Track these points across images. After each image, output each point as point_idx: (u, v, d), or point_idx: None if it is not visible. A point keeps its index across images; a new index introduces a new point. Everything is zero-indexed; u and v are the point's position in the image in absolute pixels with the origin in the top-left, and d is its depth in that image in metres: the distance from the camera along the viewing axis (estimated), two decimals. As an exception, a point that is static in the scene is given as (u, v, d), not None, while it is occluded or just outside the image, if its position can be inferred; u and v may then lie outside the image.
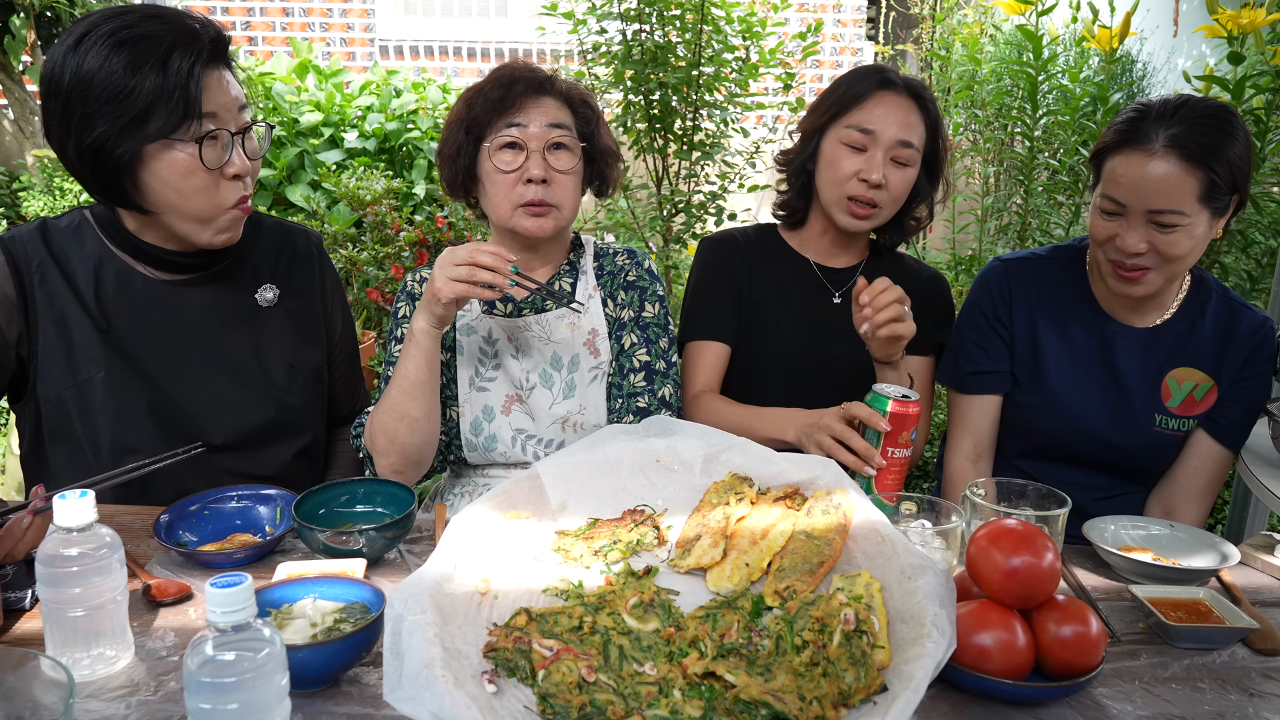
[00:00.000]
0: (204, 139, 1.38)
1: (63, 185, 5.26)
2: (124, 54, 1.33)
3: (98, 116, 1.33)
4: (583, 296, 1.70)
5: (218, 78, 1.40)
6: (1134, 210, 1.52)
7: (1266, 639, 1.15)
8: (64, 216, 1.52)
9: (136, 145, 1.35)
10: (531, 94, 1.58)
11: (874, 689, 0.92)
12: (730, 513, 1.21)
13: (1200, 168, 1.48)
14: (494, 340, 1.67)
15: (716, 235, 1.95)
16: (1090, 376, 1.69)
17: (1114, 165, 1.55)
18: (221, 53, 1.42)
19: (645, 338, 1.69)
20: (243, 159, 1.44)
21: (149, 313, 1.51)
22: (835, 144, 1.73)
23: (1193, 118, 1.50)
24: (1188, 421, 1.67)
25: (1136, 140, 1.52)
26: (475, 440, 1.65)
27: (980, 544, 1.07)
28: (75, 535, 1.01)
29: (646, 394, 1.66)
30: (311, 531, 1.28)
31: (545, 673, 0.96)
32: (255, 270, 1.62)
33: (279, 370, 1.60)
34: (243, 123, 1.44)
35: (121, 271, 1.50)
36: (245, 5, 6.36)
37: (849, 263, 1.89)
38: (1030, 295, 1.74)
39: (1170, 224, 1.50)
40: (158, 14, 1.38)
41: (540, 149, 1.57)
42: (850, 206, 1.73)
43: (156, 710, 0.97)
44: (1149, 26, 3.75)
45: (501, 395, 1.66)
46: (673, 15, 3.11)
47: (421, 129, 4.60)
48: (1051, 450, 1.74)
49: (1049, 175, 3.12)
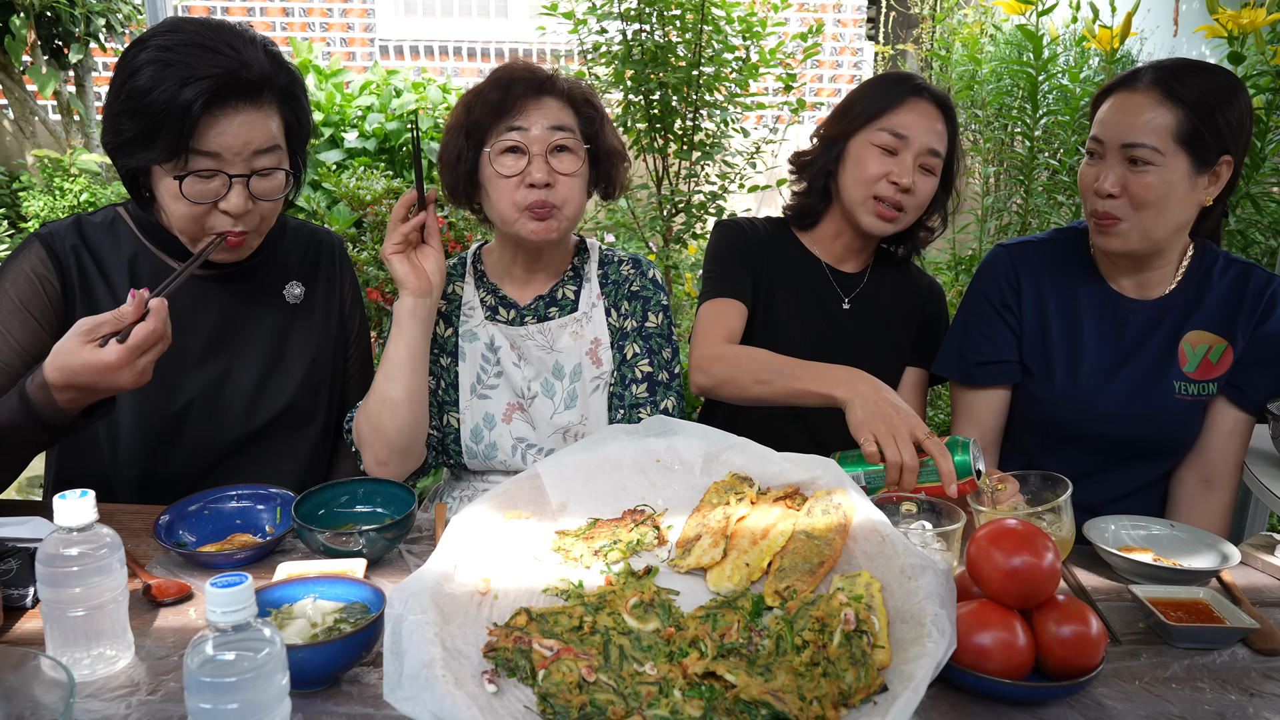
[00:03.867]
0: (186, 176, 1.37)
1: (62, 185, 5.26)
2: (152, 73, 1.34)
3: (122, 119, 1.37)
4: (586, 306, 1.69)
5: (233, 118, 1.37)
6: (1111, 147, 1.55)
7: (1266, 639, 1.15)
8: (98, 213, 1.55)
9: (139, 163, 1.39)
10: (532, 95, 1.55)
11: (874, 689, 0.92)
12: (730, 512, 1.21)
13: (1179, 105, 1.49)
14: (496, 348, 1.66)
15: (731, 220, 1.92)
16: (1104, 355, 1.68)
17: (1102, 108, 1.59)
18: (256, 91, 1.38)
19: (648, 348, 1.68)
20: (241, 200, 1.41)
21: (179, 307, 1.52)
22: (865, 145, 1.72)
23: (1185, 67, 1.53)
24: (1207, 386, 1.65)
25: (1126, 82, 1.56)
26: (475, 448, 1.65)
27: (980, 544, 1.07)
28: (75, 535, 1.01)
29: (649, 405, 1.64)
30: (311, 532, 1.28)
31: (545, 673, 0.96)
32: (284, 268, 1.64)
33: (302, 366, 1.62)
34: (253, 166, 1.41)
35: (156, 267, 1.53)
36: (245, 5, 6.37)
37: (858, 268, 1.88)
38: (1037, 277, 1.72)
39: (1144, 159, 1.51)
40: (211, 42, 1.36)
41: (542, 152, 1.53)
42: (877, 208, 1.72)
43: (156, 710, 0.97)
44: (1149, 26, 3.75)
45: (503, 403, 1.65)
46: (673, 15, 3.11)
47: (421, 129, 4.60)
48: (1073, 438, 1.70)
49: (1049, 175, 3.12)
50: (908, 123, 1.69)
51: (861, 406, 1.38)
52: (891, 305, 1.88)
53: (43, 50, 5.52)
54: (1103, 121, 1.57)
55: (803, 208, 1.87)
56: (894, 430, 1.33)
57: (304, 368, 1.63)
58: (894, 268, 1.91)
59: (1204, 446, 1.69)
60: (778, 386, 1.52)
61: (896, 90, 1.72)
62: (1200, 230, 1.67)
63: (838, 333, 1.84)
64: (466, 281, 1.71)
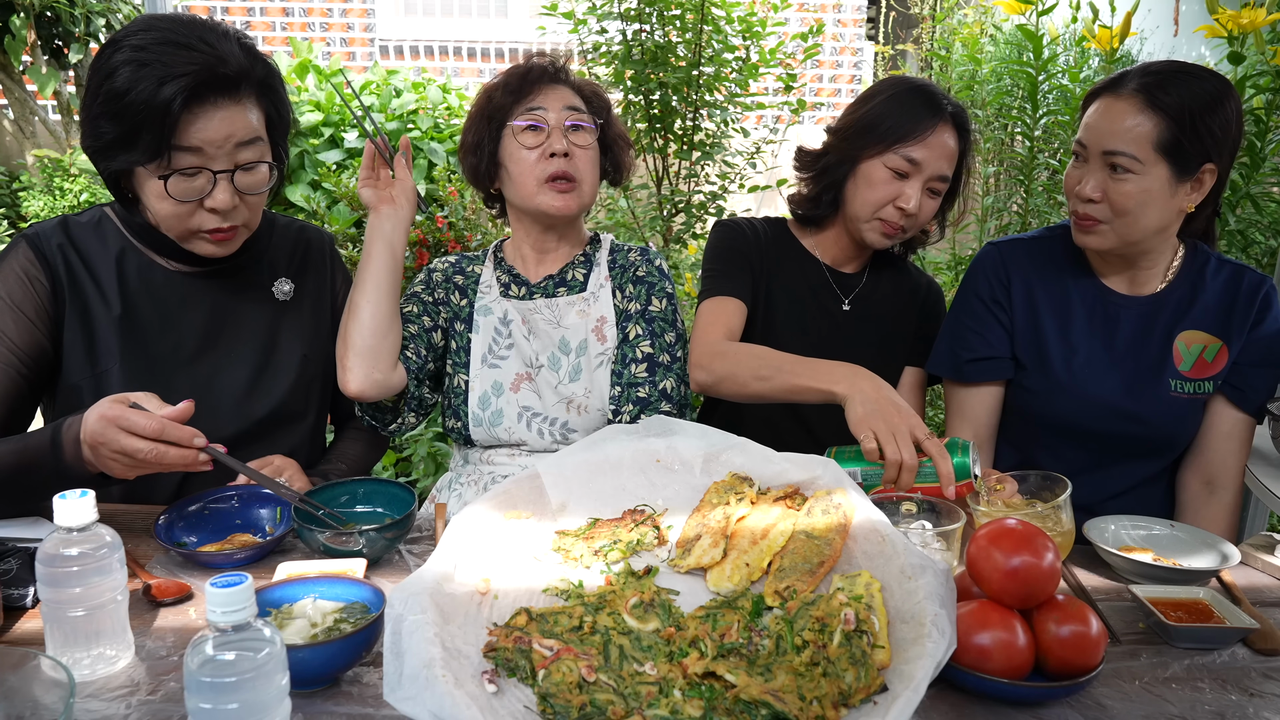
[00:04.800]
0: (171, 175, 1.37)
1: (62, 185, 5.27)
2: (129, 73, 1.33)
3: (101, 122, 1.36)
4: (594, 286, 1.76)
5: (213, 114, 1.36)
6: (1093, 153, 1.55)
7: (1266, 639, 1.15)
8: (85, 213, 1.55)
9: (122, 165, 1.38)
10: (548, 81, 1.69)
11: (874, 689, 0.92)
12: (730, 512, 1.21)
13: (1161, 114, 1.49)
14: (509, 321, 1.73)
15: (731, 220, 1.91)
16: (1098, 349, 1.68)
17: (1089, 110, 1.59)
18: (234, 86, 1.38)
19: (650, 330, 1.71)
20: (227, 196, 1.41)
21: (168, 304, 1.54)
22: (879, 166, 1.70)
23: (1173, 72, 1.52)
24: (1203, 384, 1.66)
25: (1112, 87, 1.56)
26: (481, 414, 1.69)
27: (980, 544, 1.07)
28: (75, 535, 1.01)
29: (647, 384, 1.68)
30: (311, 531, 1.28)
31: (545, 672, 0.96)
32: (272, 265, 1.65)
33: (294, 362, 1.63)
34: (236, 160, 1.41)
35: (144, 264, 1.53)
36: (245, 5, 6.37)
37: (856, 269, 1.89)
38: (1027, 274, 1.73)
39: (1123, 167, 1.51)
40: (186, 39, 1.36)
41: (560, 126, 1.66)
42: (882, 227, 1.73)
43: (156, 710, 0.97)
44: (1149, 26, 3.75)
45: (512, 373, 1.70)
46: (673, 15, 3.11)
47: (421, 129, 4.60)
48: (1070, 433, 1.70)
49: (1049, 175, 3.12)
50: (925, 152, 1.68)
51: (862, 403, 1.37)
52: (890, 305, 1.89)
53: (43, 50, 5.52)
54: (1087, 125, 1.57)
55: (809, 211, 1.86)
56: (894, 428, 1.32)
57: (295, 364, 1.64)
58: (892, 268, 1.92)
59: (1204, 448, 1.69)
60: (777, 383, 1.52)
61: (923, 116, 1.68)
62: (1189, 231, 1.67)
63: (838, 333, 1.84)
64: (486, 265, 1.81)
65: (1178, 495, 1.74)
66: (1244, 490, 1.72)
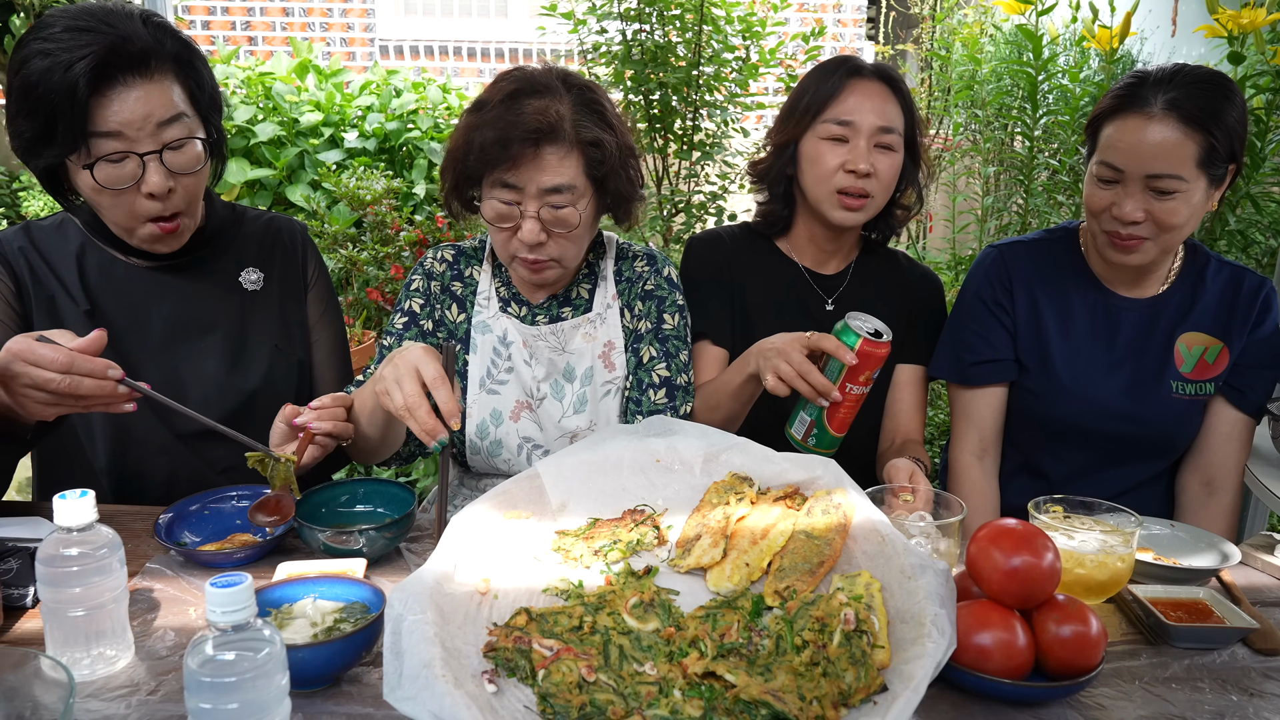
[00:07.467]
0: (96, 163, 1.35)
1: (63, 185, 5.24)
2: (36, 65, 1.31)
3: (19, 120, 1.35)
4: (600, 306, 1.67)
5: (126, 94, 1.33)
6: (1132, 176, 1.51)
7: (1266, 639, 1.15)
8: (49, 218, 1.57)
9: (48, 160, 1.37)
10: (530, 148, 1.43)
11: (874, 689, 0.92)
12: (730, 512, 1.21)
13: (1200, 131, 1.47)
14: (509, 342, 1.63)
15: (703, 236, 1.90)
16: (1099, 351, 1.68)
17: (1111, 131, 1.54)
18: (142, 62, 1.34)
19: (665, 351, 1.65)
20: (160, 178, 1.38)
21: (132, 297, 1.54)
22: (815, 142, 1.70)
23: (1191, 82, 1.50)
24: (1204, 386, 1.66)
25: (1135, 104, 1.52)
26: (480, 444, 1.62)
27: (980, 544, 1.07)
28: (75, 535, 1.01)
29: (668, 411, 1.62)
30: (311, 531, 1.28)
31: (545, 672, 0.96)
32: (238, 256, 1.65)
33: (264, 353, 1.63)
34: (162, 140, 1.37)
35: (104, 260, 1.54)
36: (245, 5, 6.37)
37: (839, 267, 1.85)
38: (1029, 276, 1.73)
39: (1169, 190, 1.50)
40: (87, 24, 1.33)
41: (535, 213, 1.47)
42: (842, 200, 1.69)
43: (156, 710, 0.97)
44: (1149, 26, 3.75)
45: (512, 400, 1.62)
46: (673, 15, 3.11)
47: (421, 129, 4.60)
48: (1071, 434, 1.70)
49: (1049, 175, 3.12)
50: (850, 107, 1.67)
51: (759, 359, 1.47)
52: (879, 303, 1.84)
53: (43, 50, 5.51)
54: (1118, 150, 1.52)
55: (769, 215, 1.85)
56: (780, 354, 1.41)
57: (267, 355, 1.63)
58: (880, 264, 1.87)
59: (1204, 449, 1.70)
60: (724, 400, 1.60)
61: (832, 78, 1.69)
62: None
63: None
64: (484, 268, 1.68)
65: (1177, 496, 1.75)
66: (1244, 490, 1.72)
